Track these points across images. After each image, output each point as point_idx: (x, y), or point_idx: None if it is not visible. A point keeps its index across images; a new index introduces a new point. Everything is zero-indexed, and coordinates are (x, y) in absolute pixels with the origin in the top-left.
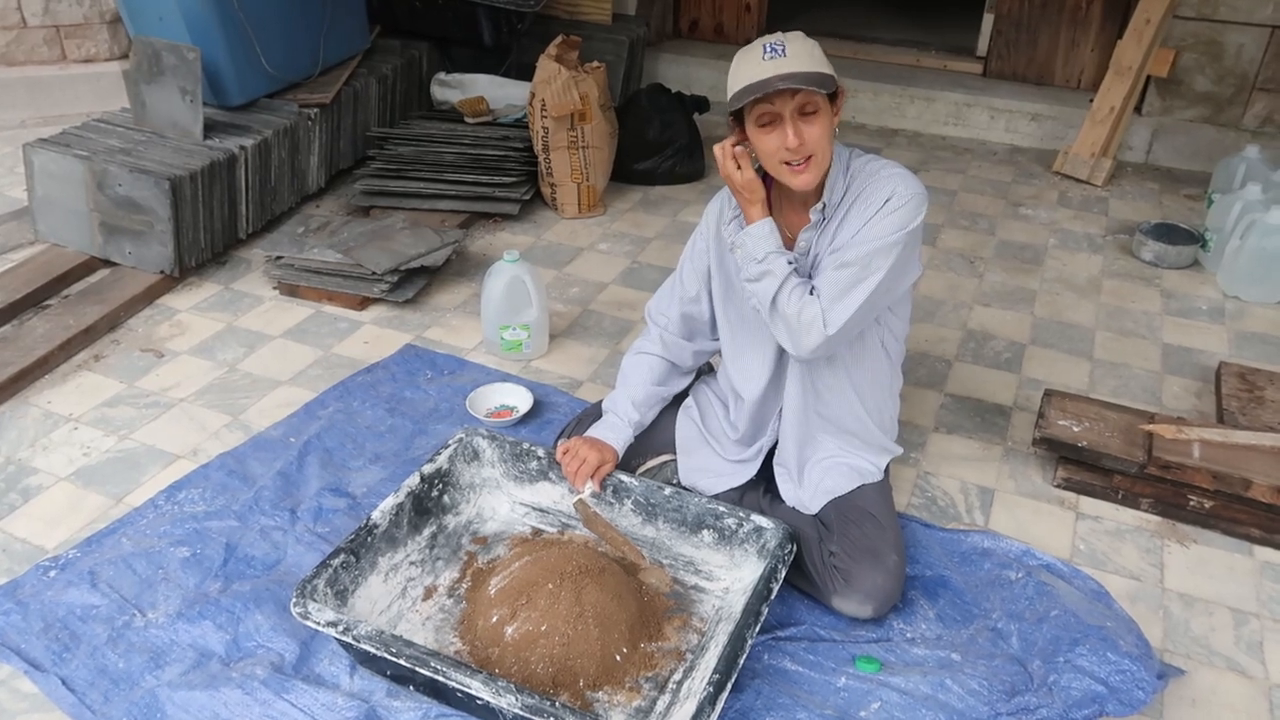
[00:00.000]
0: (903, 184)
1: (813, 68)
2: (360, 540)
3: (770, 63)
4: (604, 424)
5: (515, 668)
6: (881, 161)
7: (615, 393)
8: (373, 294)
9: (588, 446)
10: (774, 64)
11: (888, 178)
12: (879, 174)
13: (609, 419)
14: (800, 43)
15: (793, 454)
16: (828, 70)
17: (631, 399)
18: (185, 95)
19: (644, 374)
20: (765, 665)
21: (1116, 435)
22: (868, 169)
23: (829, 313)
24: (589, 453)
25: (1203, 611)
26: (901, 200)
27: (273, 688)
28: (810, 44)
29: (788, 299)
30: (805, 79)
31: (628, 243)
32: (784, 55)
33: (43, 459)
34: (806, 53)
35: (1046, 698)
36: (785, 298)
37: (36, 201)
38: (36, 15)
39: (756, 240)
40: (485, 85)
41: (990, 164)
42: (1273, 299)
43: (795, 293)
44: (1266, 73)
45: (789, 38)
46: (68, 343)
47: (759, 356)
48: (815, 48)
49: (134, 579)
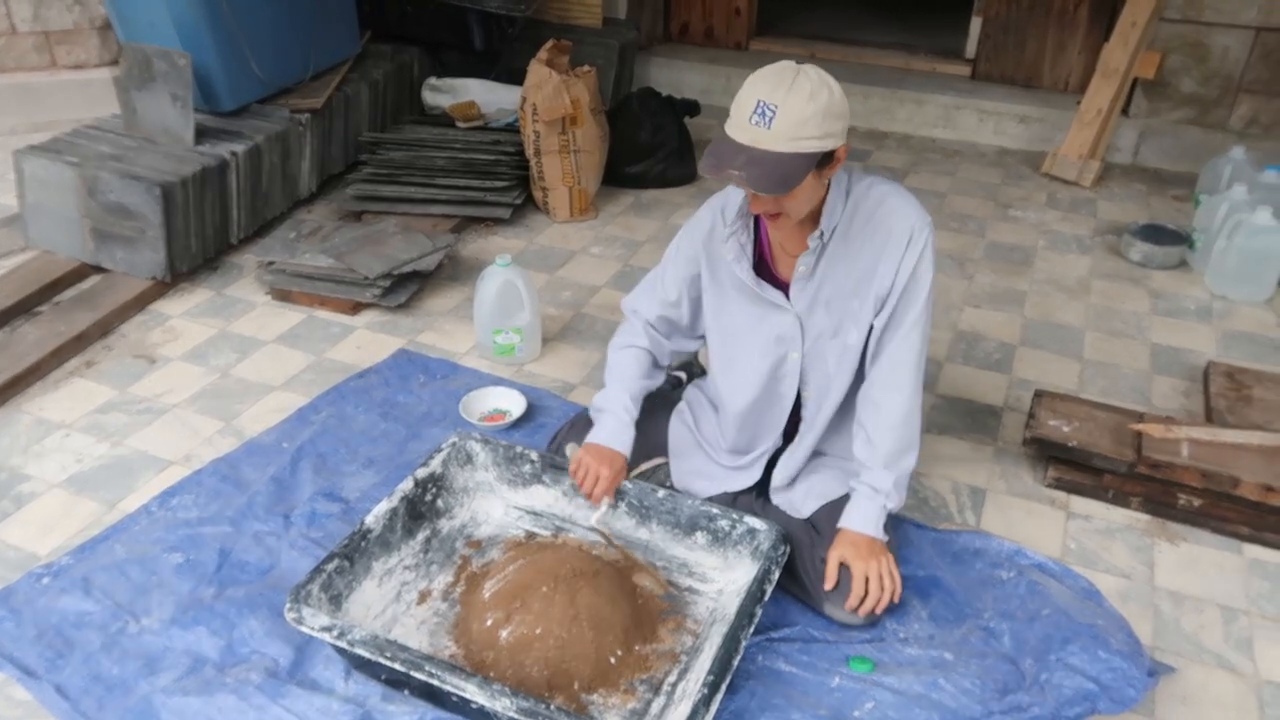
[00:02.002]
0: (915, 213)
1: (794, 148)
2: (354, 545)
3: (753, 129)
4: (606, 428)
5: (510, 671)
6: (883, 186)
7: (608, 390)
8: (365, 299)
9: (597, 460)
10: (754, 132)
11: (896, 208)
12: (885, 201)
13: (608, 420)
14: (798, 106)
15: (794, 468)
16: (812, 147)
17: (629, 393)
18: (176, 101)
19: (634, 368)
20: (759, 666)
21: (1106, 435)
22: (871, 194)
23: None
24: (601, 467)
25: (1192, 609)
26: (922, 238)
27: (267, 693)
28: (811, 106)
29: (909, 465)
30: (767, 180)
31: (619, 246)
32: (768, 126)
33: (35, 466)
34: (797, 123)
35: (1038, 696)
36: (910, 465)
37: (27, 208)
38: (26, 21)
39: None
40: (476, 90)
41: (979, 166)
42: (1259, 298)
43: (905, 459)
44: (1251, 74)
45: (785, 92)
46: (59, 349)
47: (750, 369)
48: (815, 110)
49: (127, 585)
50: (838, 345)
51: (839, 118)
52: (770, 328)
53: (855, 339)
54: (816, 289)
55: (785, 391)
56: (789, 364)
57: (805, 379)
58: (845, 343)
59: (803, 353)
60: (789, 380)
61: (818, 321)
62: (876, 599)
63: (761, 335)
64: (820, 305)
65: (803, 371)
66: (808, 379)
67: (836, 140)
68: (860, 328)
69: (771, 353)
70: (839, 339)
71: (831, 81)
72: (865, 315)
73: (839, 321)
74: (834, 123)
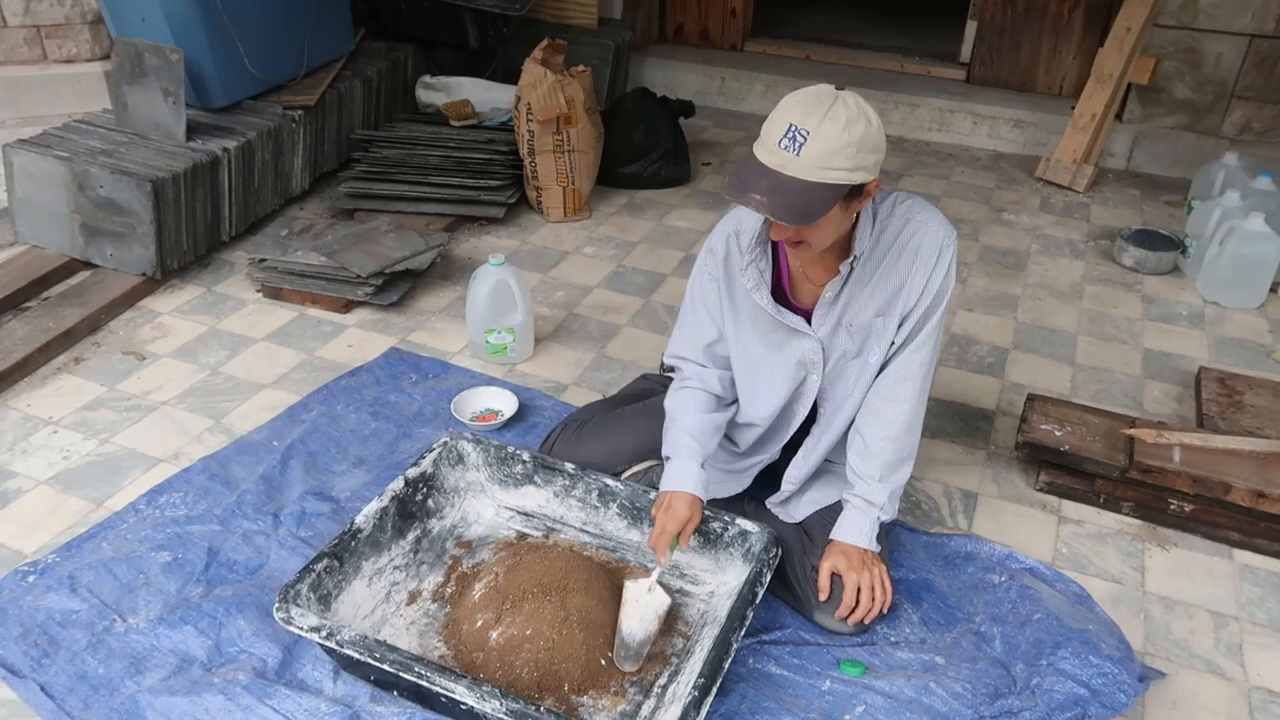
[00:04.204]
0: (943, 228)
1: (821, 178)
2: (344, 544)
3: (781, 153)
4: (671, 474)
5: (500, 672)
6: (907, 202)
7: (667, 435)
8: (357, 297)
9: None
10: (782, 156)
11: (924, 224)
12: (912, 219)
13: (672, 466)
14: (831, 135)
15: (799, 476)
16: (841, 179)
17: (687, 431)
18: (168, 97)
19: (690, 406)
20: (750, 669)
21: (1098, 439)
22: (896, 213)
23: (916, 410)
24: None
25: (1183, 614)
26: (949, 252)
27: (255, 693)
28: (845, 136)
29: (903, 477)
30: (788, 209)
31: (613, 246)
32: (797, 153)
33: (21, 463)
34: (829, 153)
35: (1029, 700)
36: (905, 476)
37: (16, 203)
38: (17, 15)
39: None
40: (470, 88)
41: (973, 170)
42: (1251, 305)
43: (901, 471)
44: (1245, 81)
45: (819, 118)
46: (47, 345)
47: (771, 392)
48: (849, 141)
49: (114, 584)
50: (860, 364)
51: (873, 150)
52: (791, 353)
53: (877, 357)
54: (840, 312)
55: (799, 410)
56: (808, 385)
57: (823, 396)
58: (867, 361)
59: (823, 374)
60: (806, 400)
61: (840, 344)
62: (867, 609)
63: (782, 362)
64: (843, 328)
65: (821, 391)
66: (825, 396)
67: (868, 174)
68: (883, 346)
69: (793, 377)
70: (861, 358)
71: (870, 112)
72: (889, 334)
73: (863, 342)
74: (867, 155)
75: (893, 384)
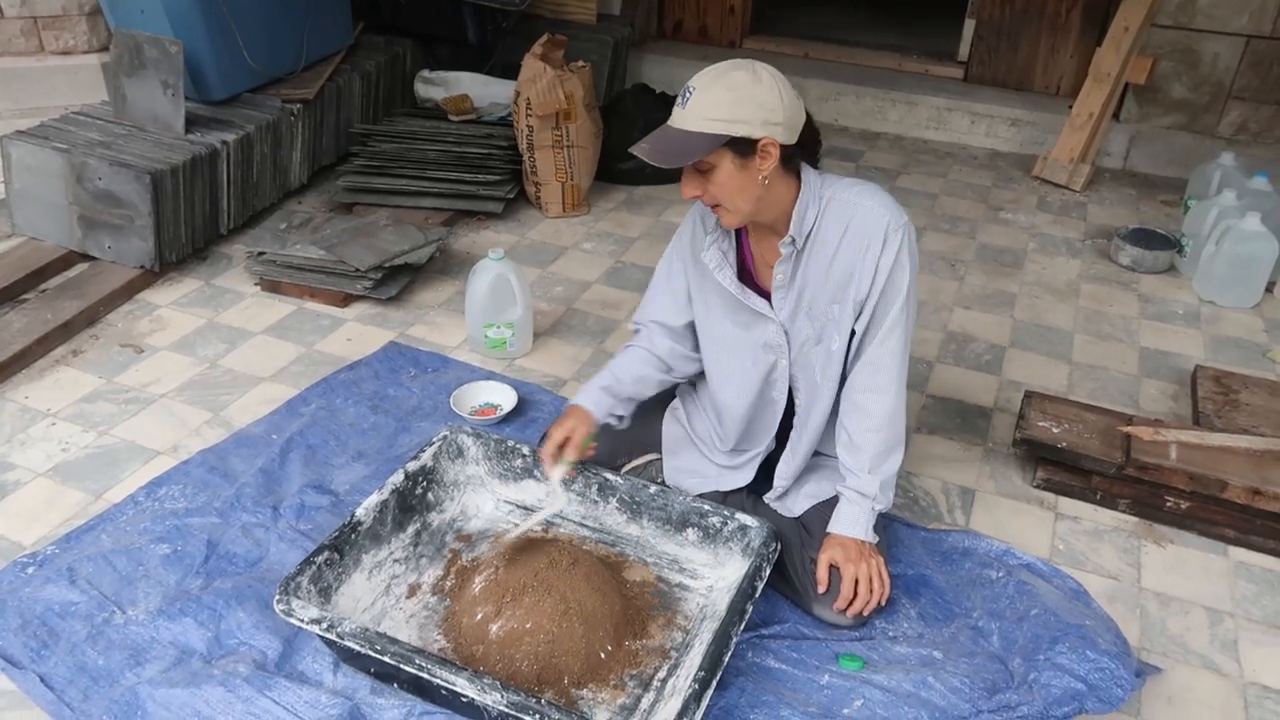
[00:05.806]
0: (888, 213)
1: (700, 127)
2: (344, 537)
3: (676, 111)
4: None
5: (500, 665)
6: (857, 187)
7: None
8: (355, 291)
9: (556, 425)
10: (675, 114)
11: (870, 209)
12: (859, 203)
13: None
14: (714, 90)
15: (791, 475)
16: (716, 129)
17: (611, 367)
18: (167, 89)
19: (627, 355)
20: (749, 663)
21: (1095, 437)
22: (842, 197)
23: (898, 399)
24: (555, 430)
25: (1179, 610)
26: (897, 238)
27: (255, 685)
28: (729, 93)
29: (894, 465)
30: (661, 152)
31: (612, 242)
32: (685, 106)
33: (20, 455)
34: (711, 103)
35: (1027, 695)
36: (895, 465)
37: (14, 194)
38: (14, 6)
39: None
40: (470, 83)
41: (971, 168)
42: (1247, 304)
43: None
44: (1242, 81)
45: (711, 78)
46: (45, 337)
47: (744, 376)
48: (731, 96)
49: (114, 576)
50: (822, 352)
51: (760, 108)
52: (757, 336)
53: (838, 345)
54: (797, 296)
55: (776, 397)
56: (778, 370)
57: (795, 385)
58: (829, 349)
59: (790, 360)
60: (779, 386)
61: (801, 329)
62: (865, 601)
63: (750, 344)
64: (802, 312)
65: (791, 378)
66: (797, 385)
67: (748, 129)
68: (842, 334)
69: (762, 360)
70: (823, 345)
71: (770, 79)
72: (846, 321)
73: (821, 328)
74: (751, 111)
75: (869, 375)
